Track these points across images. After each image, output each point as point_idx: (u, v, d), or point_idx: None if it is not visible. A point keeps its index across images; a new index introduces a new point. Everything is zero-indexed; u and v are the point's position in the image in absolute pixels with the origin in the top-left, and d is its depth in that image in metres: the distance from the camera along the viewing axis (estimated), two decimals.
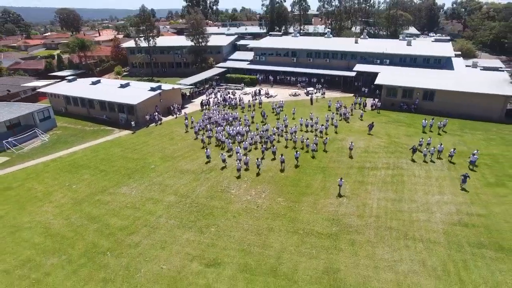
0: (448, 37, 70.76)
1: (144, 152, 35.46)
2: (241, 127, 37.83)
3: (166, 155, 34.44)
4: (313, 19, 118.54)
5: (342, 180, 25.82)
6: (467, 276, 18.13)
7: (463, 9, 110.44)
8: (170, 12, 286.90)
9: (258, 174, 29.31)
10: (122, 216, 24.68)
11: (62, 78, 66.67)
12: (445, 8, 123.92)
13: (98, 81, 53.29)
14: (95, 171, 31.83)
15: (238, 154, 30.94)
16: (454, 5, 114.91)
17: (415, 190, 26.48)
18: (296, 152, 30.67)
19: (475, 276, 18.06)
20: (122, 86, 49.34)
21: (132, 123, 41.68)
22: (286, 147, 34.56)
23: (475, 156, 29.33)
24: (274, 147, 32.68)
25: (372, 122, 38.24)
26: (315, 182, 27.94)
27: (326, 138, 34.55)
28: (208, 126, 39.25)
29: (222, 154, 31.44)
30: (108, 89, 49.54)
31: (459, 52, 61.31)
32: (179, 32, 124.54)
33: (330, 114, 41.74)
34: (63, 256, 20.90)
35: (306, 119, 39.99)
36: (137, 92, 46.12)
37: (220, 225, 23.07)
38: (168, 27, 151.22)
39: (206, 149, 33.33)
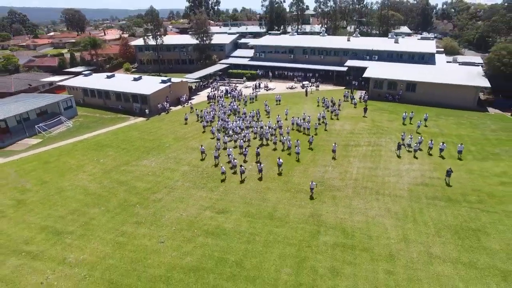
0: (432, 36, 76.11)
1: (159, 134, 40.68)
2: (241, 122, 40.28)
3: (178, 136, 39.65)
4: (311, 19, 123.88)
5: (314, 183, 26.06)
6: (420, 217, 23.34)
7: (453, 10, 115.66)
8: (172, 12, 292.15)
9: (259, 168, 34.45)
10: (145, 180, 29.91)
11: (76, 73, 71.84)
12: (437, 8, 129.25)
13: (113, 75, 58.55)
14: (118, 149, 37.06)
15: (230, 156, 31.35)
16: (445, 6, 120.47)
17: (389, 161, 31.69)
18: (279, 159, 30.04)
19: (426, 218, 23.26)
20: (135, 79, 54.61)
21: (146, 111, 46.91)
22: (274, 149, 34.89)
23: (444, 144, 32.37)
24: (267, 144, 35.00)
25: (366, 107, 44.22)
26: (306, 156, 33.08)
27: (311, 136, 35.54)
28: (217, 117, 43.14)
29: (215, 151, 32.63)
30: (123, 82, 54.79)
31: (442, 49, 66.56)
32: (182, 31, 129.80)
33: (322, 112, 42.53)
34: (102, 207, 26.12)
35: (298, 117, 40.59)
36: (149, 84, 51.38)
37: (227, 186, 28.24)
38: (170, 26, 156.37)
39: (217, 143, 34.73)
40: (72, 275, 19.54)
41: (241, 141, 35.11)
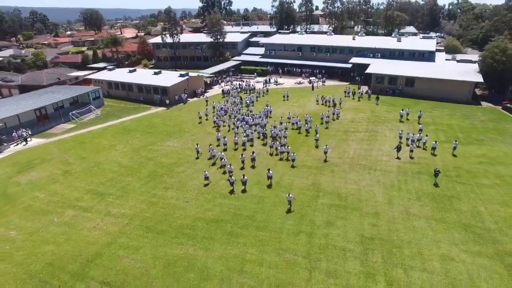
0: (434, 35, 79.37)
1: (178, 121, 45.51)
2: (249, 117, 42.13)
3: (195, 123, 44.37)
4: (320, 19, 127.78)
5: (291, 195, 24.92)
6: (405, 187, 27.48)
7: (459, 10, 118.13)
8: (184, 12, 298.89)
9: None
10: (170, 157, 34.70)
11: (98, 69, 77.36)
12: (444, 9, 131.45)
13: (134, 70, 63.80)
14: (143, 133, 41.98)
15: (223, 160, 31.37)
16: (451, 6, 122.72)
17: (384, 144, 35.80)
18: (269, 170, 28.57)
19: (409, 187, 27.39)
20: (155, 73, 59.68)
21: (166, 101, 51.84)
22: (271, 154, 34.44)
23: (436, 143, 33.39)
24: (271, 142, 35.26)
25: (378, 96, 49.79)
26: (310, 140, 37.38)
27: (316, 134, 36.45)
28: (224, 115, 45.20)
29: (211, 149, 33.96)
30: (144, 75, 59.95)
31: (442, 48, 69.97)
32: (195, 30, 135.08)
33: (327, 112, 43.20)
34: (135, 176, 30.96)
35: (299, 119, 40.85)
36: (169, 77, 56.36)
37: (240, 162, 32.71)
38: (184, 26, 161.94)
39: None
40: (117, 223, 24.35)
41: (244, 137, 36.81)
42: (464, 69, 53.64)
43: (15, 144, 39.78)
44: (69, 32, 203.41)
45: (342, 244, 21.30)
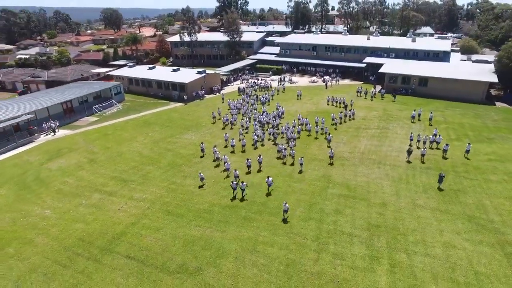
0: (449, 35, 79.07)
1: (196, 116, 47.47)
2: (262, 116, 42.68)
3: (212, 118, 46.19)
4: (335, 19, 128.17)
5: (287, 204, 23.90)
6: (413, 180, 28.51)
7: (478, 10, 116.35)
8: (201, 12, 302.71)
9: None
10: (188, 148, 36.61)
11: (118, 66, 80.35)
12: (463, 9, 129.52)
13: (154, 67, 66.27)
14: (162, 126, 44.09)
15: (226, 163, 30.79)
16: (469, 7, 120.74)
17: (394, 141, 36.76)
18: (268, 178, 27.37)
19: (417, 181, 28.42)
20: (174, 70, 61.95)
21: (184, 97, 53.98)
22: (278, 158, 33.77)
23: (447, 145, 32.73)
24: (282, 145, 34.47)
25: (395, 94, 51.38)
26: (321, 137, 38.62)
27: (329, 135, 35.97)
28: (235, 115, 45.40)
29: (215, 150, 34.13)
30: (163, 72, 62.30)
31: (457, 48, 69.81)
32: (211, 30, 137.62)
33: (337, 113, 43.13)
34: (155, 165, 32.97)
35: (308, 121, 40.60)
36: (187, 74, 58.50)
37: (255, 154, 34.23)
38: (200, 25, 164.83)
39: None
40: (139, 206, 26.32)
41: (255, 135, 37.34)
42: (479, 69, 53.74)
43: (45, 134, 42.53)
44: (89, 31, 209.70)
45: (350, 230, 22.62)
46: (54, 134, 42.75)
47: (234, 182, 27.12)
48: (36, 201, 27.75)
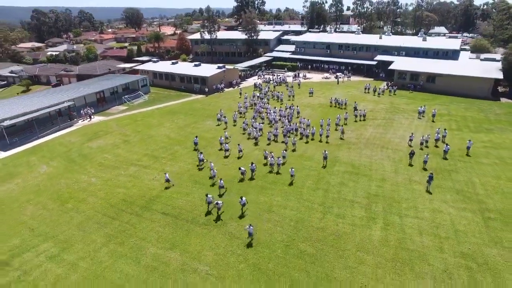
0: (459, 35, 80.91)
1: (216, 106, 51.67)
2: (275, 114, 43.66)
3: (231, 108, 50.31)
4: (351, 19, 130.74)
5: (251, 227, 21.88)
6: (413, 162, 31.85)
7: (494, 10, 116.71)
8: (218, 12, 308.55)
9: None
10: (210, 133, 40.86)
11: (142, 62, 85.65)
12: (479, 9, 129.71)
13: (176, 62, 71.10)
14: (186, 115, 48.53)
15: (212, 170, 29.52)
16: (485, 6, 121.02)
17: (398, 129, 40.07)
18: (241, 198, 24.69)
19: (415, 162, 31.69)
20: (195, 65, 66.54)
21: (206, 89, 58.38)
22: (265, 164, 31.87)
23: (447, 147, 32.86)
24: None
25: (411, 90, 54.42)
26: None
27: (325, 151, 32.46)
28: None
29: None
30: (185, 67, 66.96)
31: (467, 47, 71.86)
32: (229, 29, 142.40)
33: (345, 114, 43.30)
34: (181, 146, 37.30)
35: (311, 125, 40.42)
36: (208, 69, 62.95)
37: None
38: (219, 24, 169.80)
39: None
40: (170, 176, 30.61)
41: (257, 133, 38.31)
42: (486, 66, 56.09)
43: (83, 120, 47.57)
44: (110, 30, 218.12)
45: (351, 198, 26.31)
46: (90, 119, 47.75)
47: (210, 196, 25.10)
48: (83, 172, 32.46)
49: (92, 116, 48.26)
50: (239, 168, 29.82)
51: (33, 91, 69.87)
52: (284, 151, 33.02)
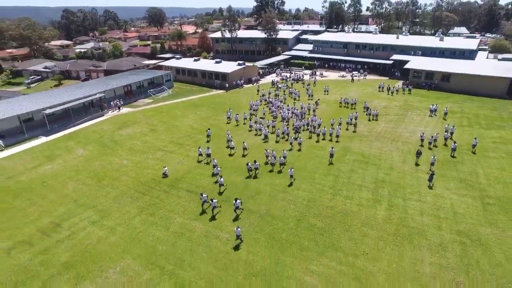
0: (477, 35, 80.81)
1: (236, 101, 54.56)
2: (289, 112, 45.12)
3: (248, 102, 53.06)
4: (369, 20, 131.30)
5: (239, 228, 21.79)
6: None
7: None
8: (237, 11, 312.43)
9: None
10: (230, 124, 43.67)
11: (165, 58, 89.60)
12: (504, 9, 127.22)
13: (198, 59, 74.46)
14: (208, 107, 51.62)
15: (216, 167, 30.67)
16: (510, 6, 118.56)
17: (409, 125, 41.74)
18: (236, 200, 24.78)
19: (423, 155, 33.51)
20: (216, 62, 69.68)
21: (226, 85, 61.42)
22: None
23: (455, 144, 33.43)
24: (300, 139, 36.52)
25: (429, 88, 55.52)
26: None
27: (332, 148, 32.65)
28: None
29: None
30: (207, 64, 70.23)
31: (486, 47, 71.99)
32: (248, 28, 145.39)
33: (355, 113, 42.77)
34: (204, 135, 40.19)
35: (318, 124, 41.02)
36: (228, 66, 65.95)
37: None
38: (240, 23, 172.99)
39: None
40: (194, 161, 33.62)
41: (265, 130, 39.67)
42: (502, 66, 56.57)
43: (112, 110, 51.40)
44: (132, 28, 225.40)
45: (360, 183, 28.53)
46: (119, 110, 51.52)
47: (204, 195, 25.78)
48: (115, 155, 35.92)
49: (120, 108, 52.02)
50: (247, 164, 30.58)
51: (64, 85, 74.70)
52: (285, 151, 33.20)
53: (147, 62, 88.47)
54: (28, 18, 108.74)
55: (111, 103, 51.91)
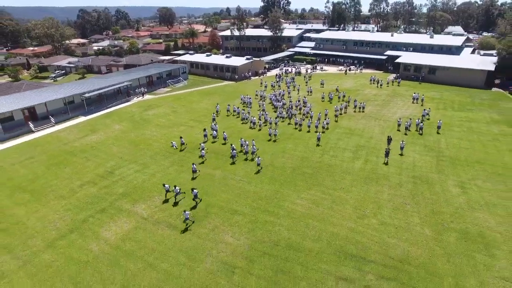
0: (464, 33, 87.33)
1: (244, 90, 62.11)
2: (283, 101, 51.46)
3: (254, 93, 60.60)
4: (371, 19, 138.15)
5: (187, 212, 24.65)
6: (397, 127, 40.85)
7: (511, 10, 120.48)
8: (244, 11, 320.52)
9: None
10: (241, 107, 51.26)
11: (178, 54, 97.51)
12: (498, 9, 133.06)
13: (210, 54, 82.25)
14: (220, 95, 59.25)
15: (202, 151, 34.61)
16: (502, 6, 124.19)
17: (393, 107, 48.95)
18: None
19: (401, 129, 40.69)
20: (226, 57, 77.40)
21: (236, 77, 69.04)
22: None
23: (440, 121, 39.82)
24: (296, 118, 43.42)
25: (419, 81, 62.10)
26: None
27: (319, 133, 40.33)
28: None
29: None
30: (218, 58, 77.98)
31: (472, 43, 78.64)
32: (255, 27, 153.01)
33: (339, 105, 47.81)
34: (219, 115, 47.82)
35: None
36: (237, 60, 73.62)
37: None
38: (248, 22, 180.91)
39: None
40: (212, 133, 41.22)
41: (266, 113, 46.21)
42: (482, 60, 63.43)
43: (137, 97, 59.31)
44: (143, 27, 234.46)
45: (344, 147, 35.92)
46: (143, 97, 59.39)
47: (167, 185, 27.32)
48: (145, 129, 43.69)
49: (144, 94, 59.90)
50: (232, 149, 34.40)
51: (87, 78, 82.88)
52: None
53: (162, 57, 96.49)
54: (52, 18, 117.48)
55: (136, 90, 59.81)
